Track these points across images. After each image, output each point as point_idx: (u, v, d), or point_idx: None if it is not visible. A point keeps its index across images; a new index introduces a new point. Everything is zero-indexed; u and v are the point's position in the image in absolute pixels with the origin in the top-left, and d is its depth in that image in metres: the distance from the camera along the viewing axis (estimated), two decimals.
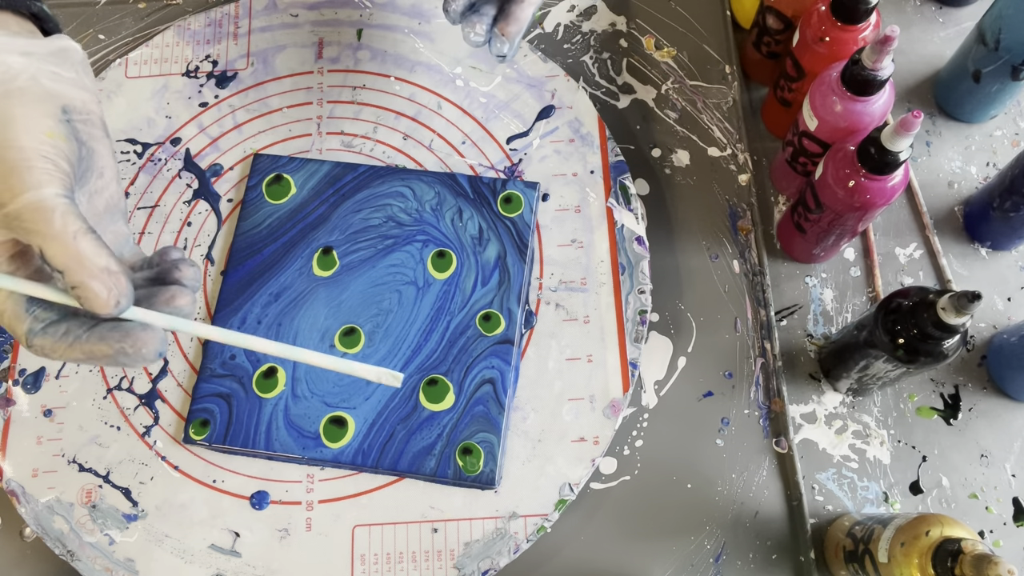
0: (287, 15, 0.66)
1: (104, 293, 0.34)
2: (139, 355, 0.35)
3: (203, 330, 0.36)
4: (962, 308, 0.42)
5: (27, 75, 0.35)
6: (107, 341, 0.34)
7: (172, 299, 0.36)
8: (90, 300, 0.34)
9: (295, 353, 0.36)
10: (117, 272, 0.34)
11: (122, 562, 0.52)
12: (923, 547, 0.42)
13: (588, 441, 0.54)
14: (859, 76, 0.48)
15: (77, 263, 0.33)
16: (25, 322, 0.35)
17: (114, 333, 0.35)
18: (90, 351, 0.35)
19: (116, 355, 0.35)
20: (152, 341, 0.35)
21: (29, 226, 0.33)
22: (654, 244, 0.60)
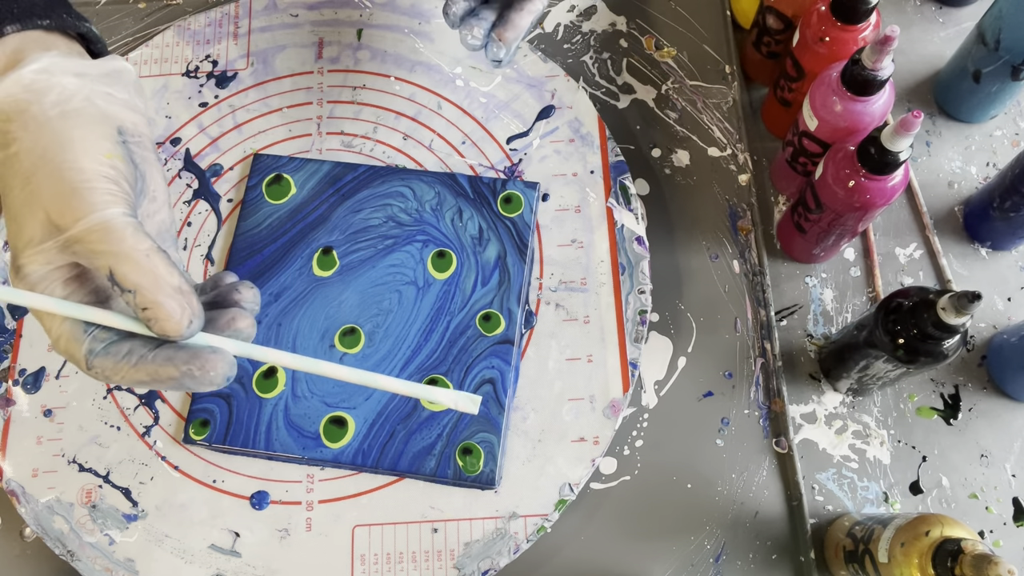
0: (287, 15, 0.66)
1: (178, 313, 0.33)
2: (206, 378, 0.33)
3: (273, 356, 0.35)
4: (962, 308, 0.42)
5: (81, 96, 0.35)
6: (174, 362, 0.33)
7: (232, 322, 0.35)
8: (162, 321, 0.33)
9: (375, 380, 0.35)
10: (189, 292, 0.33)
11: (122, 562, 0.52)
12: (923, 547, 0.42)
13: (588, 441, 0.54)
14: (859, 76, 0.48)
15: (152, 282, 0.32)
16: (84, 344, 0.33)
17: (181, 354, 0.33)
18: (155, 372, 0.33)
19: (183, 377, 0.33)
20: (221, 364, 0.34)
21: (97, 247, 0.32)
22: (654, 244, 0.60)
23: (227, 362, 0.34)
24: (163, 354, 0.33)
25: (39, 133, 0.34)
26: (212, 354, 0.33)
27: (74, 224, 0.32)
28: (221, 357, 0.34)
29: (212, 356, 0.33)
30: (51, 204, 0.33)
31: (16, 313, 0.57)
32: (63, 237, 0.33)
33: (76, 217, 0.32)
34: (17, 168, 0.34)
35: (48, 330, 0.34)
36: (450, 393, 0.36)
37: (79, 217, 0.32)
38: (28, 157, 0.33)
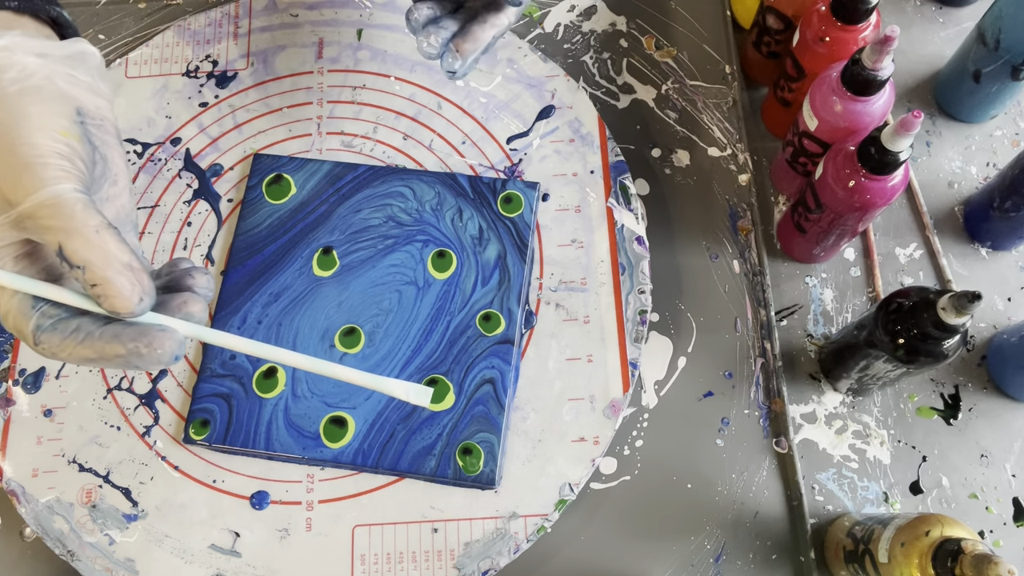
0: (287, 15, 0.66)
1: (128, 289, 0.32)
2: (154, 356, 0.33)
3: (224, 339, 0.35)
4: (962, 308, 0.42)
5: (42, 75, 0.35)
6: (121, 339, 0.33)
7: (184, 305, 0.35)
8: (111, 298, 0.32)
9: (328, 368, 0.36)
10: (140, 270, 0.33)
11: (122, 562, 0.52)
12: (923, 547, 0.42)
13: (588, 441, 0.54)
14: (859, 76, 0.48)
15: (101, 258, 0.32)
16: (31, 319, 0.33)
17: (129, 331, 0.33)
18: (102, 350, 0.33)
19: (129, 355, 0.33)
20: (169, 342, 0.33)
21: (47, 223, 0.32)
22: (654, 244, 0.60)
23: (175, 340, 0.33)
24: (110, 331, 0.33)
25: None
26: (160, 332, 0.33)
27: (25, 199, 0.32)
28: (169, 335, 0.33)
29: (160, 334, 0.33)
30: (3, 179, 0.33)
31: None
32: (14, 212, 0.32)
33: (27, 192, 0.32)
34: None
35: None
36: (401, 384, 0.36)
37: (30, 192, 0.32)
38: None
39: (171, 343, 0.33)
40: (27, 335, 0.33)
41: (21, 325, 0.33)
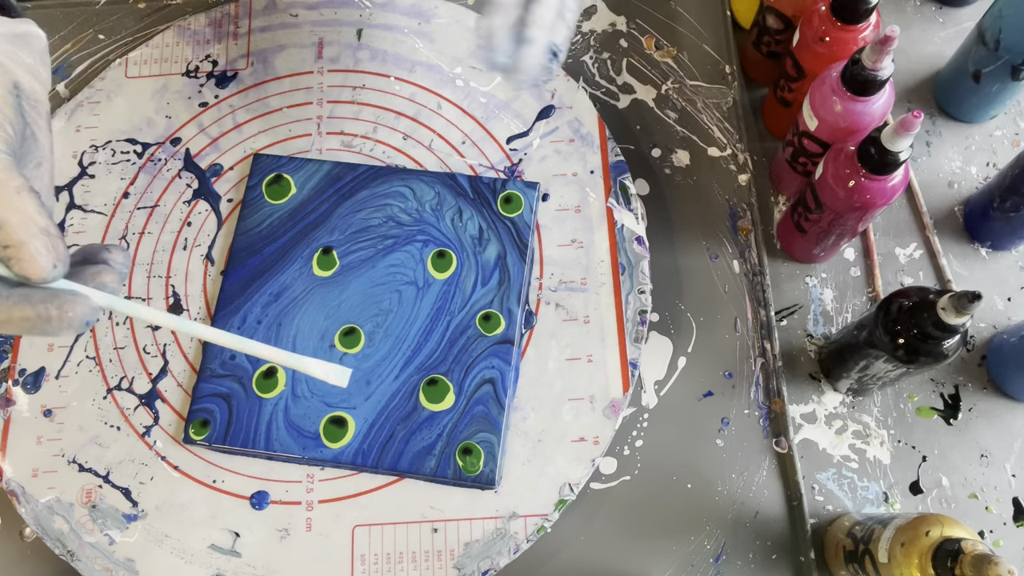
0: (287, 15, 0.66)
1: (42, 253, 0.32)
2: (64, 319, 0.32)
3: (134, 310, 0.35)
4: (962, 308, 0.42)
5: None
6: (31, 301, 0.32)
7: (98, 275, 0.35)
8: (24, 261, 0.31)
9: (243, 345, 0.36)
10: (56, 236, 0.32)
11: (122, 562, 0.52)
12: (923, 547, 0.42)
13: (588, 441, 0.54)
14: (859, 76, 0.48)
15: (19, 219, 0.31)
16: None
17: (39, 293, 0.32)
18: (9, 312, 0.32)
19: (38, 319, 0.32)
20: (81, 307, 0.33)
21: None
22: (654, 244, 0.60)
23: (88, 306, 0.33)
24: (19, 292, 0.32)
25: None
26: (72, 296, 0.32)
27: None
28: (82, 300, 0.33)
29: (72, 298, 0.32)
30: None
31: None
32: None
33: None
34: None
35: None
36: (321, 364, 0.37)
37: None
38: None
39: (83, 308, 0.33)
40: None
41: None
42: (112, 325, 0.57)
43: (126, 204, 0.60)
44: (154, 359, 0.56)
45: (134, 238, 0.59)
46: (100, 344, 0.57)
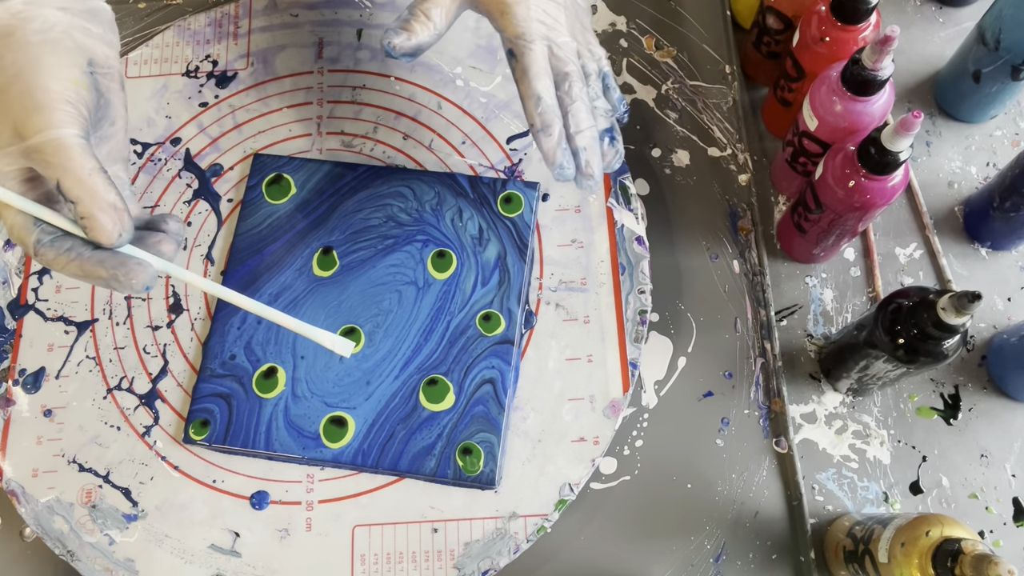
0: (287, 15, 0.66)
1: (109, 226, 0.38)
2: (129, 284, 0.39)
3: (187, 277, 0.41)
4: (962, 308, 0.42)
5: (61, 28, 0.40)
6: (105, 265, 0.39)
7: (159, 243, 0.41)
8: (95, 230, 0.38)
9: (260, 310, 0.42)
10: (122, 209, 0.39)
11: (122, 562, 0.52)
12: (923, 547, 0.42)
13: (588, 441, 0.54)
14: (859, 76, 0.48)
15: (90, 196, 0.38)
16: (33, 234, 0.39)
17: (112, 259, 0.39)
18: (88, 271, 0.39)
19: (109, 279, 0.39)
20: (143, 274, 0.39)
21: (49, 159, 0.37)
22: (654, 244, 0.60)
23: (149, 274, 0.39)
24: (97, 256, 0.39)
25: (19, 54, 0.39)
26: (137, 264, 0.39)
27: (34, 135, 0.38)
28: (144, 268, 0.39)
29: (137, 266, 0.39)
30: (18, 115, 0.38)
31: (16, 313, 0.58)
32: (24, 144, 0.38)
33: (36, 130, 0.38)
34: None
35: (4, 219, 0.39)
36: (327, 335, 0.43)
37: (39, 130, 0.38)
38: (6, 73, 0.39)
39: (144, 275, 0.39)
40: (28, 245, 0.39)
41: (24, 237, 0.39)
42: (112, 325, 0.57)
43: None
44: (154, 359, 0.56)
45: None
46: (100, 344, 0.57)
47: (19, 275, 0.58)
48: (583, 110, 0.47)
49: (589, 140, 0.47)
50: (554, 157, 0.46)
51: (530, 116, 0.47)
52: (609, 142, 0.49)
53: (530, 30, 0.46)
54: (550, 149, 0.46)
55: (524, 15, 0.47)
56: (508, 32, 0.47)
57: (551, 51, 0.47)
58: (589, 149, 0.47)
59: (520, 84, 0.47)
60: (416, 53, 0.48)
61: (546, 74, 0.47)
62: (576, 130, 0.47)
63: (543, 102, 0.46)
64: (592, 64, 0.49)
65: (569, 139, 0.47)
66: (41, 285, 0.58)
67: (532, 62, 0.46)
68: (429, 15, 0.48)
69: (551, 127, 0.46)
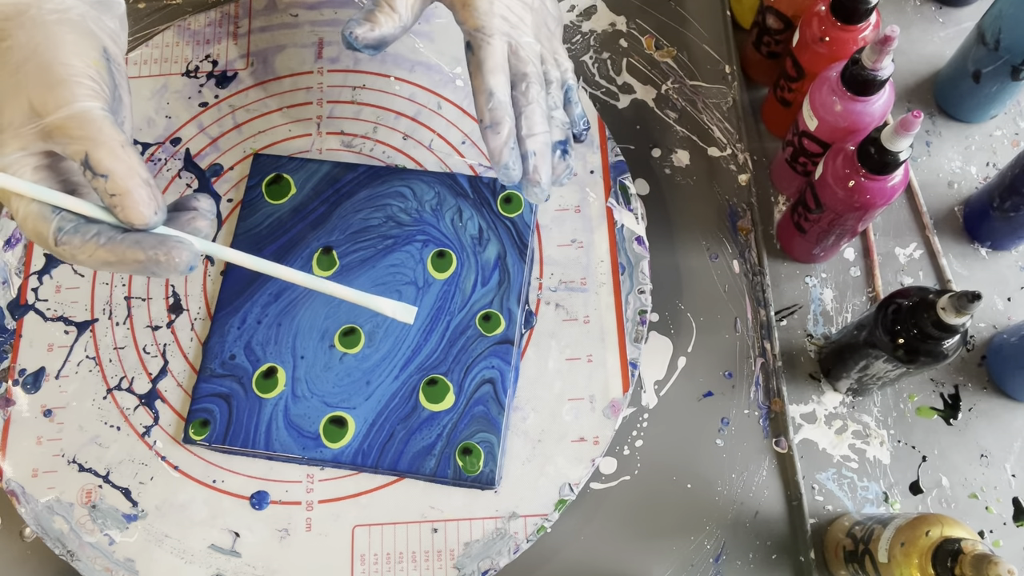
0: (287, 15, 0.66)
1: (146, 199, 0.35)
2: (171, 263, 0.36)
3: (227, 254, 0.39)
4: (962, 308, 0.42)
5: (77, 12, 0.38)
6: (142, 246, 0.35)
7: (193, 221, 0.38)
8: (129, 209, 0.35)
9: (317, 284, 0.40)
10: (155, 187, 0.36)
11: (122, 562, 0.52)
12: (923, 547, 0.42)
13: (588, 441, 0.54)
14: (859, 76, 0.48)
15: (125, 169, 0.35)
16: (52, 222, 0.36)
17: (149, 239, 0.36)
18: (123, 254, 0.35)
19: (148, 262, 0.35)
20: (186, 252, 0.36)
21: (75, 133, 0.35)
22: (654, 244, 0.60)
23: (191, 251, 0.36)
24: (132, 237, 0.36)
25: (34, 31, 0.37)
26: (178, 243, 0.36)
27: (55, 111, 0.35)
28: (186, 246, 0.36)
29: (178, 244, 0.36)
30: (35, 92, 0.35)
31: (16, 313, 0.58)
32: (43, 123, 0.35)
33: (58, 104, 0.35)
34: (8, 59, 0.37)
35: (15, 211, 0.36)
36: (389, 302, 0.41)
37: (61, 105, 0.35)
38: (20, 51, 0.36)
39: (188, 253, 0.36)
40: (47, 236, 0.36)
41: (41, 228, 0.36)
42: (112, 325, 0.57)
43: None
44: (154, 359, 0.56)
45: None
46: (100, 344, 0.57)
47: (19, 275, 0.58)
48: (538, 113, 0.45)
49: (540, 146, 0.45)
50: (500, 156, 0.44)
51: (480, 111, 0.45)
52: (561, 155, 0.47)
53: (491, 24, 0.45)
54: (496, 147, 0.44)
55: (486, 9, 0.45)
56: (468, 24, 0.46)
57: (511, 49, 0.46)
58: (539, 155, 0.45)
59: (473, 78, 0.45)
60: (380, 46, 0.46)
61: (502, 71, 0.45)
62: (528, 133, 0.45)
63: (495, 98, 0.44)
64: (555, 72, 0.48)
65: (520, 141, 0.45)
66: (41, 285, 0.58)
67: (488, 56, 0.45)
68: (394, 6, 0.46)
69: (500, 124, 0.44)
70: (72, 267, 0.59)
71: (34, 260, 0.59)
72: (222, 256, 0.39)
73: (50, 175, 0.37)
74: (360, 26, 0.45)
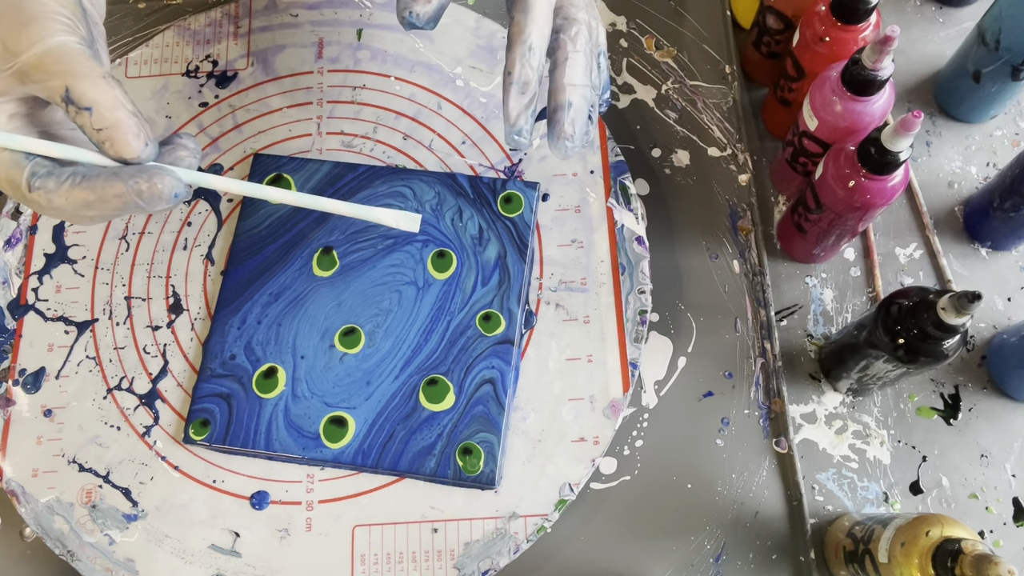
0: (287, 15, 0.66)
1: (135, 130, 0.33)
2: (154, 193, 0.33)
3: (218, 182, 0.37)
4: (962, 308, 0.42)
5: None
6: (121, 177, 0.33)
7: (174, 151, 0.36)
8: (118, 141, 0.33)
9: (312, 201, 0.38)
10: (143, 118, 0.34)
11: (122, 562, 0.52)
12: (923, 547, 0.42)
13: (588, 441, 0.54)
14: (859, 76, 0.48)
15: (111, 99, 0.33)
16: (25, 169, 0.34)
17: (128, 170, 0.33)
18: (102, 189, 0.33)
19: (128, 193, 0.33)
20: (169, 178, 0.34)
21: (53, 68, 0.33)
22: (654, 244, 0.60)
23: (175, 178, 0.34)
24: (109, 170, 0.33)
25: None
26: (158, 169, 0.34)
27: (30, 48, 0.33)
28: (169, 173, 0.34)
29: (158, 171, 0.34)
30: (7, 32, 0.33)
31: (16, 313, 0.58)
32: (17, 63, 0.33)
33: (32, 41, 0.33)
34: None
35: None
36: (390, 212, 0.40)
37: (36, 41, 0.33)
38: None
39: (171, 180, 0.34)
40: (20, 184, 0.34)
41: (14, 175, 0.34)
42: (112, 325, 0.57)
43: None
44: (154, 359, 0.56)
45: (134, 238, 0.59)
46: (100, 344, 0.57)
47: (19, 275, 0.58)
48: (582, 63, 0.42)
49: (580, 99, 0.41)
50: (517, 119, 0.41)
51: (511, 61, 0.41)
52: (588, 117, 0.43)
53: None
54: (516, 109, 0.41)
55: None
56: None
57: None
58: (576, 108, 0.41)
59: (514, 23, 0.41)
60: (437, 18, 0.43)
61: (546, 22, 0.41)
62: (570, 82, 0.41)
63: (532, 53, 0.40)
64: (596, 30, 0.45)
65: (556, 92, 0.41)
66: (41, 285, 0.58)
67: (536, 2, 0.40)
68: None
69: (528, 85, 0.41)
70: (72, 267, 0.59)
71: (34, 260, 0.59)
72: (209, 184, 0.37)
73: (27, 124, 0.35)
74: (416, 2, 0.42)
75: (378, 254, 0.57)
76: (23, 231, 0.59)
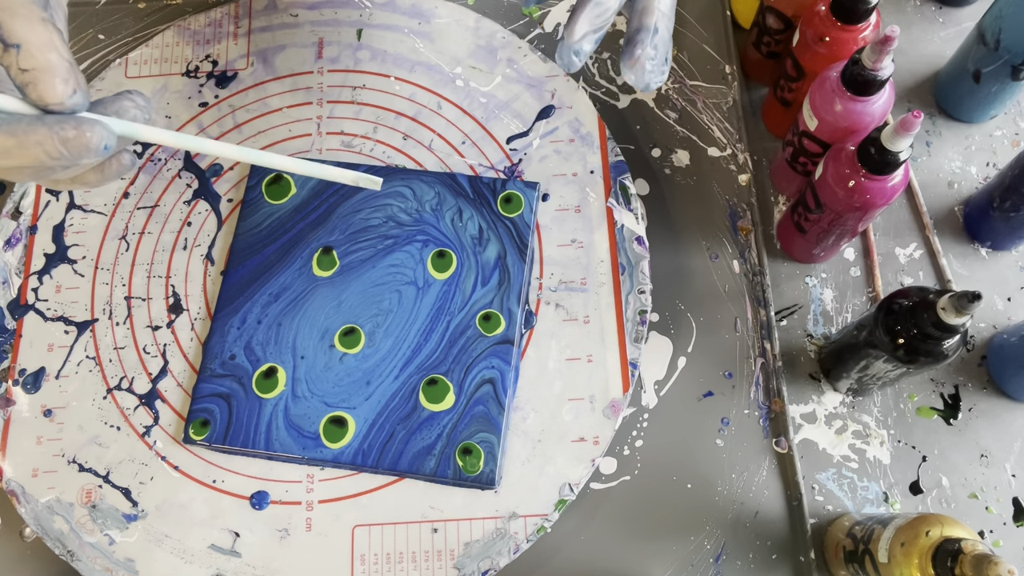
0: (287, 15, 0.66)
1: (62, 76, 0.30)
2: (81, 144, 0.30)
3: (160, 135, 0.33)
4: (962, 308, 0.42)
5: None
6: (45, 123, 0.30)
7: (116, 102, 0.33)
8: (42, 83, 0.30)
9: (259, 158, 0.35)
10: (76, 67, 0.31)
11: (122, 562, 0.52)
12: (923, 547, 0.42)
13: (588, 441, 0.54)
14: (859, 76, 0.48)
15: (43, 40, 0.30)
16: None
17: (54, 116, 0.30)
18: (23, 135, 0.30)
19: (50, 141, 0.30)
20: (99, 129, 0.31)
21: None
22: (654, 244, 0.60)
23: (106, 129, 0.31)
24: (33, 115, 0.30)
25: None
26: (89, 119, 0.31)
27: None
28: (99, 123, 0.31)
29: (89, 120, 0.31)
30: None
31: (16, 313, 0.57)
32: None
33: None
34: None
35: None
36: (349, 172, 0.38)
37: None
38: None
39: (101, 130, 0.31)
40: None
41: None
42: (112, 325, 0.57)
43: (126, 204, 0.60)
44: (154, 359, 0.56)
45: (134, 238, 0.59)
46: (100, 344, 0.57)
47: (19, 275, 0.58)
48: None
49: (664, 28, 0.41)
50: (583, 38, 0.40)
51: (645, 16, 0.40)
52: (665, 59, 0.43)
53: None
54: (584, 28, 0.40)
55: None
56: None
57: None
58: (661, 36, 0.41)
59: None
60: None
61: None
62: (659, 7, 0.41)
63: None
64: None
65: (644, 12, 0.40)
66: (41, 285, 0.58)
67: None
68: None
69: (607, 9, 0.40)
70: (72, 267, 0.59)
71: (34, 260, 0.59)
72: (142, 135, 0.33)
73: None
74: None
75: (378, 254, 0.57)
76: (23, 231, 0.59)
